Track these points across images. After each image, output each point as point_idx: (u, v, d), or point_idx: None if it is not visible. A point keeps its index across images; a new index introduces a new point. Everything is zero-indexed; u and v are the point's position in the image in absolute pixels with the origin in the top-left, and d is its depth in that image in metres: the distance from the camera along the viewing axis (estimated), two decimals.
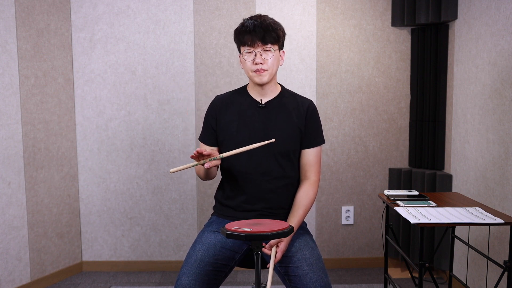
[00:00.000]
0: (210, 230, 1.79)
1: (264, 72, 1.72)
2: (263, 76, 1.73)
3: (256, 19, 1.71)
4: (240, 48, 1.76)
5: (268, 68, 1.72)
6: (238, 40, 1.75)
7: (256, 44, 1.70)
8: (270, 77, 1.75)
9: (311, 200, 1.79)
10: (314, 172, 1.82)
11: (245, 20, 1.74)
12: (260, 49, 1.70)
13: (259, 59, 1.70)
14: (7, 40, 2.59)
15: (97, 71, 3.02)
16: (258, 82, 1.75)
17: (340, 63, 3.04)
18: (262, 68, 1.71)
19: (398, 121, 3.08)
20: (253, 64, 1.71)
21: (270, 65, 1.72)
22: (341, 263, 3.15)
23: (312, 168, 1.82)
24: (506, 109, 2.18)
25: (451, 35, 2.80)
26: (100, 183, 3.09)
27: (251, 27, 1.69)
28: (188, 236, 3.12)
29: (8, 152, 2.62)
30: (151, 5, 2.99)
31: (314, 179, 1.82)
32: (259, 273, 1.40)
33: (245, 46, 1.72)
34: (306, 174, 1.83)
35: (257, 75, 1.73)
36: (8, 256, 2.65)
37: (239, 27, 1.74)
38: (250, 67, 1.72)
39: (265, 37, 1.69)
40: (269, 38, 1.70)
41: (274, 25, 1.72)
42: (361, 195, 3.13)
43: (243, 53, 1.73)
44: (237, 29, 1.75)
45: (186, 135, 3.06)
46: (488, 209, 1.87)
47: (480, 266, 2.43)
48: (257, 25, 1.69)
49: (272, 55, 1.72)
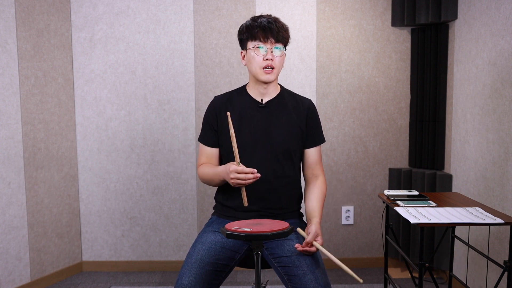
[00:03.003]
0: (211, 230, 1.79)
1: (273, 70, 1.72)
2: (271, 74, 1.72)
3: (269, 17, 1.72)
4: (248, 43, 1.73)
5: (276, 67, 1.72)
6: (249, 35, 1.72)
7: (269, 40, 1.69)
8: (276, 76, 1.75)
9: (325, 195, 1.86)
10: (321, 170, 1.87)
11: (256, 17, 1.73)
12: (271, 46, 1.70)
13: (270, 56, 1.69)
14: (7, 40, 2.59)
15: (97, 71, 3.02)
16: (265, 80, 1.73)
17: (340, 63, 3.04)
18: (272, 65, 1.70)
19: (398, 121, 3.08)
20: (264, 60, 1.70)
21: (278, 64, 1.72)
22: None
23: (318, 166, 1.86)
24: (506, 109, 2.18)
25: (451, 35, 2.80)
26: (100, 183, 3.09)
27: (266, 23, 1.69)
28: (188, 236, 3.12)
29: (8, 152, 2.62)
30: (151, 5, 2.99)
31: (323, 176, 1.87)
32: (259, 273, 1.40)
33: (256, 41, 1.70)
34: (313, 172, 1.86)
35: (265, 73, 1.71)
36: (8, 256, 2.65)
37: (250, 22, 1.73)
38: (260, 63, 1.70)
39: (279, 35, 1.70)
40: (281, 37, 1.71)
41: (285, 26, 1.75)
42: (361, 195, 3.13)
43: (252, 48, 1.71)
44: (248, 25, 1.73)
45: (186, 135, 3.06)
46: (488, 209, 1.87)
47: (480, 266, 2.43)
48: (272, 22, 1.70)
49: (280, 54, 1.72)
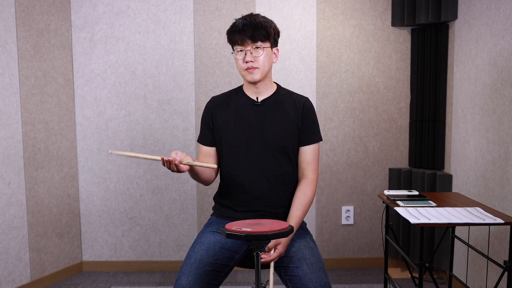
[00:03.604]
0: (210, 230, 1.79)
1: (255, 70, 1.72)
2: (254, 74, 1.73)
3: (246, 18, 1.72)
4: (233, 47, 1.77)
5: (259, 66, 1.72)
6: (230, 40, 1.76)
7: (245, 42, 1.70)
8: (262, 75, 1.74)
9: (310, 199, 1.77)
10: (311, 170, 1.80)
11: (236, 20, 1.75)
12: (250, 47, 1.71)
13: (249, 57, 1.71)
14: (7, 40, 2.59)
15: (97, 71, 3.02)
16: (249, 80, 1.75)
17: (340, 63, 3.04)
18: (252, 66, 1.71)
19: (398, 121, 3.08)
20: (244, 62, 1.72)
21: (261, 63, 1.72)
22: (341, 263, 3.15)
23: (310, 166, 1.80)
24: (506, 109, 2.18)
25: (451, 35, 2.80)
26: (100, 183, 3.09)
27: (241, 26, 1.70)
28: (188, 236, 3.12)
29: (8, 152, 2.62)
30: (151, 5, 2.99)
31: (312, 178, 1.80)
32: (259, 273, 1.39)
33: (236, 45, 1.73)
34: (303, 173, 1.81)
35: (248, 73, 1.73)
36: (8, 256, 2.65)
37: (230, 27, 1.76)
38: (241, 65, 1.73)
39: (254, 35, 1.69)
40: (259, 36, 1.70)
41: (264, 22, 1.72)
42: (361, 195, 3.13)
43: (235, 52, 1.75)
44: (228, 29, 1.76)
45: (186, 135, 3.06)
46: (488, 209, 1.87)
47: (480, 266, 2.43)
48: (246, 23, 1.70)
49: (262, 53, 1.72)
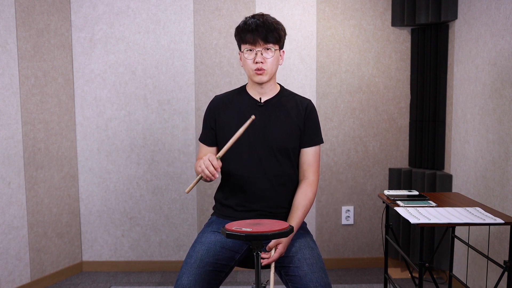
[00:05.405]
0: (210, 230, 1.79)
1: (264, 71, 1.73)
2: (263, 75, 1.74)
3: (259, 18, 1.72)
4: (241, 46, 1.76)
5: (268, 68, 1.73)
6: (239, 38, 1.76)
7: (257, 43, 1.70)
8: (269, 76, 1.75)
9: (310, 200, 1.78)
10: (312, 172, 1.82)
11: (247, 19, 1.74)
12: (261, 48, 1.71)
13: (259, 58, 1.71)
14: (7, 40, 2.59)
15: (97, 71, 3.02)
16: (257, 81, 1.76)
17: (340, 63, 3.04)
18: (262, 68, 1.72)
19: (398, 121, 3.08)
20: (254, 63, 1.72)
21: (270, 65, 1.73)
22: (341, 263, 3.15)
23: (311, 168, 1.81)
24: (506, 109, 2.18)
25: (451, 35, 2.80)
26: (100, 183, 3.09)
27: (254, 26, 1.70)
28: (188, 236, 3.12)
29: (8, 152, 2.62)
30: (151, 5, 2.99)
31: (313, 179, 1.81)
32: (259, 273, 1.39)
33: (246, 44, 1.73)
34: (304, 174, 1.82)
35: (257, 75, 1.73)
36: (8, 256, 2.65)
37: (241, 24, 1.74)
38: (251, 66, 1.73)
39: (267, 36, 1.70)
40: (271, 38, 1.71)
41: (276, 24, 1.73)
42: (361, 195, 3.13)
43: (244, 51, 1.74)
44: (239, 27, 1.75)
45: (186, 135, 3.06)
46: (488, 209, 1.87)
47: (480, 266, 2.43)
48: (260, 24, 1.70)
49: (272, 55, 1.72)
